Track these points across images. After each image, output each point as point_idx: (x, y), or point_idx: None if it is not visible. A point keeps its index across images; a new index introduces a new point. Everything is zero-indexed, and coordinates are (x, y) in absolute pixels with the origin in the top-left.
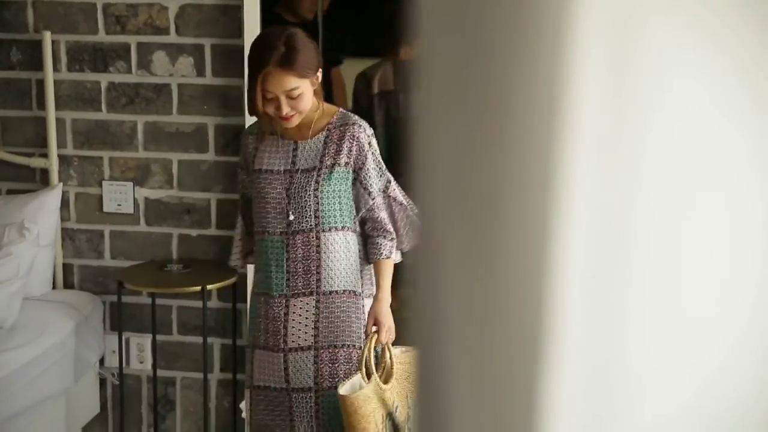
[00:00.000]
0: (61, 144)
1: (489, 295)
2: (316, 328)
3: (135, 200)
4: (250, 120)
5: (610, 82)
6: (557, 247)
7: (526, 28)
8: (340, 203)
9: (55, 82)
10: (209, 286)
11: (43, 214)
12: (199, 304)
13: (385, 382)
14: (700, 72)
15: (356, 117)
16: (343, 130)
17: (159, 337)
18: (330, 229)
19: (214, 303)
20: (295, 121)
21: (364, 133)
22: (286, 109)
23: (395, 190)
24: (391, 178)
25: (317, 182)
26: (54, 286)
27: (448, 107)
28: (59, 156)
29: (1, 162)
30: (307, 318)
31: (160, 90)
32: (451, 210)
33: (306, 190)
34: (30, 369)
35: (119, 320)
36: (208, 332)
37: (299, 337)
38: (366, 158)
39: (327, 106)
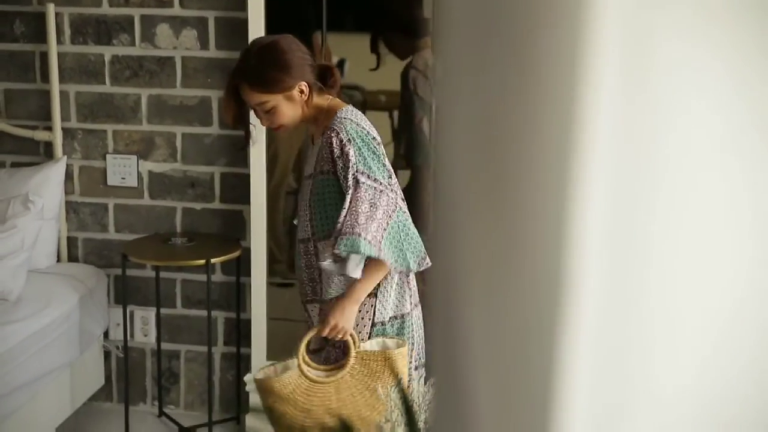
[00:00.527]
0: (65, 117)
1: (508, 259)
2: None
3: (139, 173)
4: None
5: (625, 90)
6: (576, 215)
7: (546, 23)
8: (334, 210)
9: (59, 54)
10: (213, 260)
11: (48, 187)
12: (202, 277)
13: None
14: (706, 88)
15: (338, 120)
16: (326, 134)
17: (163, 311)
18: (324, 238)
19: (218, 276)
20: (284, 130)
21: (336, 138)
22: (264, 122)
23: (358, 197)
24: (360, 184)
25: (310, 191)
26: (58, 259)
27: (468, 92)
28: (63, 129)
29: (5, 135)
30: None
31: (163, 63)
32: (471, 178)
33: (304, 198)
34: (36, 340)
35: (124, 293)
36: (212, 306)
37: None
38: (336, 165)
39: (335, 104)
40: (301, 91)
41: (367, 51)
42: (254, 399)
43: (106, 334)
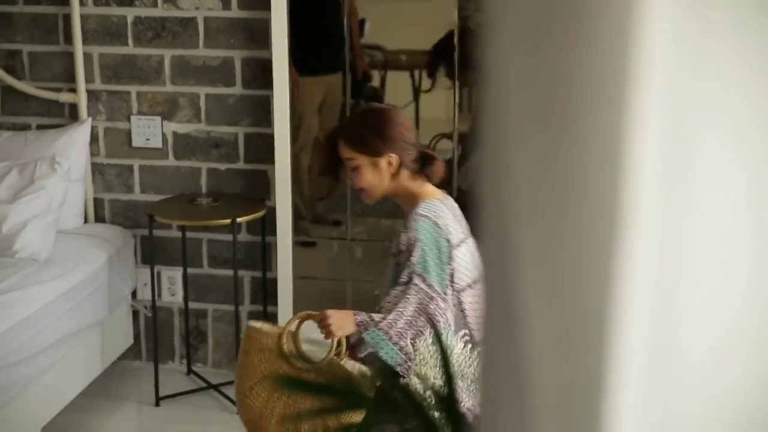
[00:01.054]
0: (89, 79)
1: (562, 192)
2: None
3: (163, 134)
4: (276, 54)
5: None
6: (630, 154)
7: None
8: None
9: (82, 16)
10: (239, 219)
11: (74, 148)
12: (228, 237)
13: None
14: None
15: (415, 216)
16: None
17: (189, 270)
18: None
19: (243, 236)
20: (366, 198)
21: (405, 235)
22: (347, 178)
23: (407, 299)
24: (413, 285)
25: (390, 272)
26: (85, 221)
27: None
28: (87, 91)
29: (31, 97)
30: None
31: (186, 24)
32: (524, 113)
33: (388, 276)
34: (66, 300)
35: (151, 253)
36: (238, 265)
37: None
38: (399, 258)
39: (423, 193)
40: (389, 163)
41: (390, 11)
42: None
43: (133, 295)
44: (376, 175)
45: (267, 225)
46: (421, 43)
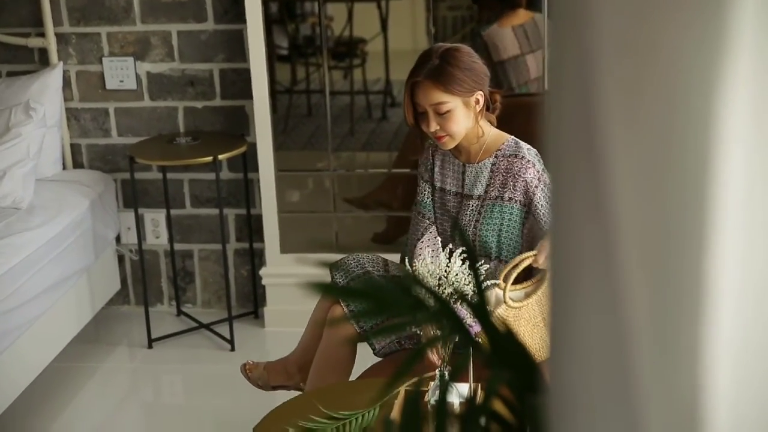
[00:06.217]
0: (57, 22)
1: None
2: None
3: (137, 75)
4: None
5: None
6: None
7: None
8: (499, 237)
9: None
10: (220, 156)
11: (47, 94)
12: (209, 176)
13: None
14: None
15: (526, 149)
16: (510, 161)
17: (173, 211)
18: (500, 259)
19: (225, 174)
20: (448, 143)
21: (533, 169)
22: (433, 126)
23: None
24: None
25: (480, 213)
26: (64, 167)
27: None
28: (56, 34)
29: None
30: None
31: None
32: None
33: (470, 219)
34: (52, 247)
35: (134, 196)
36: (222, 203)
37: None
38: (534, 194)
39: (496, 132)
40: (477, 102)
41: None
42: (272, 293)
43: (117, 239)
44: (466, 117)
45: (248, 161)
46: None
